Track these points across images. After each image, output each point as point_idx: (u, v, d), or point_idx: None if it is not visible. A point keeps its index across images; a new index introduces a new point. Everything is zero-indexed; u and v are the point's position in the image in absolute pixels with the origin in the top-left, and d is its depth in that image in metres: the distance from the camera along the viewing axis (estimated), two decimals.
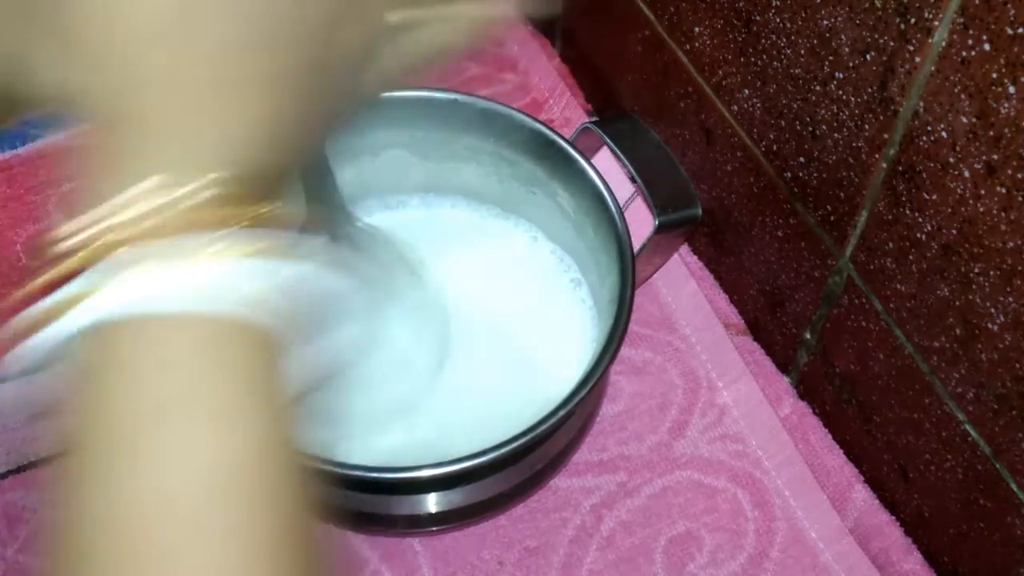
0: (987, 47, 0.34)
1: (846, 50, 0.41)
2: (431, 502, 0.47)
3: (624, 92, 0.62)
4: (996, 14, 0.33)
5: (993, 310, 0.39)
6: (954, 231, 0.39)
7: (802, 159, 0.47)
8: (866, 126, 0.41)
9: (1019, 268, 0.37)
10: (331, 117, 0.29)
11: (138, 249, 0.24)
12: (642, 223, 0.55)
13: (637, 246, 0.53)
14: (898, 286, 0.44)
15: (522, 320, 0.54)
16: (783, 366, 0.56)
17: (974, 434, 0.43)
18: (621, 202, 0.50)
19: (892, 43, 0.38)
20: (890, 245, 0.43)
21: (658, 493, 0.52)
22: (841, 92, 0.42)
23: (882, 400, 0.48)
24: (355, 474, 0.42)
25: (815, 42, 0.42)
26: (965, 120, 0.36)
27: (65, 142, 0.27)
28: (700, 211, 0.57)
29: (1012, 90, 0.34)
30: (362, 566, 0.49)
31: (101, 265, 0.24)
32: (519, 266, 0.56)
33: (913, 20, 0.37)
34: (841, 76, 0.42)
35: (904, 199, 0.41)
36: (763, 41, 0.46)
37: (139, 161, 0.25)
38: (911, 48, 0.37)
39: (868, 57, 0.40)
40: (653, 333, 0.57)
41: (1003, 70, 0.34)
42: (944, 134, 0.37)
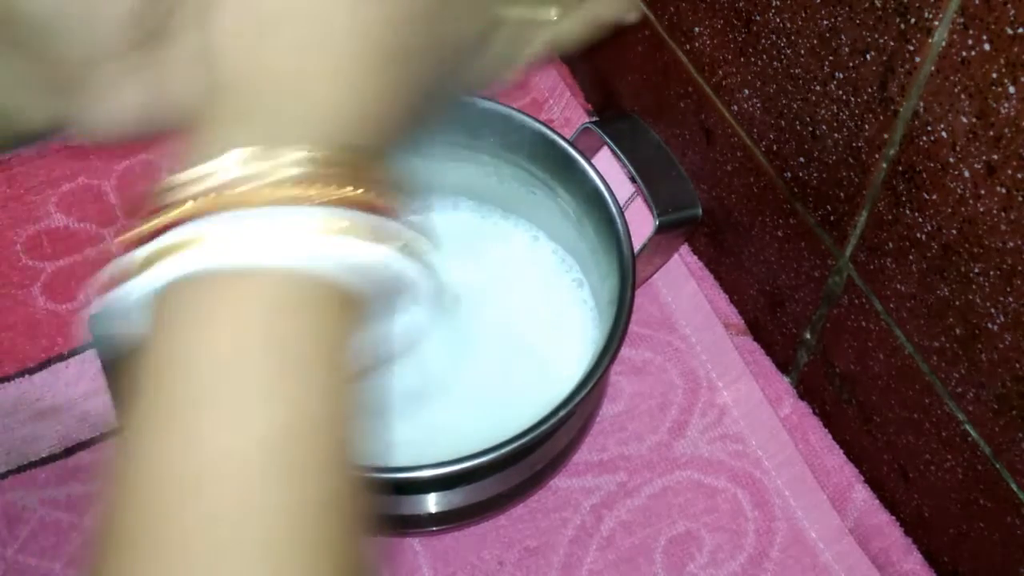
0: (987, 47, 0.34)
1: (846, 50, 0.41)
2: (431, 502, 0.47)
3: (624, 92, 0.62)
4: (996, 14, 0.33)
5: (993, 310, 0.39)
6: (954, 231, 0.39)
7: (802, 159, 0.47)
8: (866, 126, 0.41)
9: (1019, 268, 0.37)
10: (430, 107, 0.30)
11: (230, 212, 0.24)
12: (642, 223, 0.55)
13: (637, 246, 0.53)
14: (898, 286, 0.44)
15: (523, 320, 0.54)
16: (783, 366, 0.56)
17: (974, 434, 0.43)
18: (621, 202, 0.50)
19: (892, 43, 0.38)
20: (890, 245, 0.43)
21: (658, 493, 0.52)
22: (841, 92, 0.42)
23: (882, 400, 0.48)
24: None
25: (815, 42, 0.42)
26: (965, 120, 0.36)
27: (65, 142, 0.28)
28: (700, 211, 0.57)
29: (1012, 90, 0.34)
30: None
31: (196, 222, 0.24)
32: (521, 266, 0.56)
33: (913, 20, 0.37)
34: (841, 76, 0.42)
35: (904, 199, 0.41)
36: (763, 41, 0.46)
37: (235, 132, 0.25)
38: (911, 48, 0.37)
39: (868, 57, 0.40)
40: (653, 333, 0.57)
41: (1003, 70, 0.34)
42: (944, 134, 0.37)
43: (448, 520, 0.48)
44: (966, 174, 0.37)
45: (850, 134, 0.43)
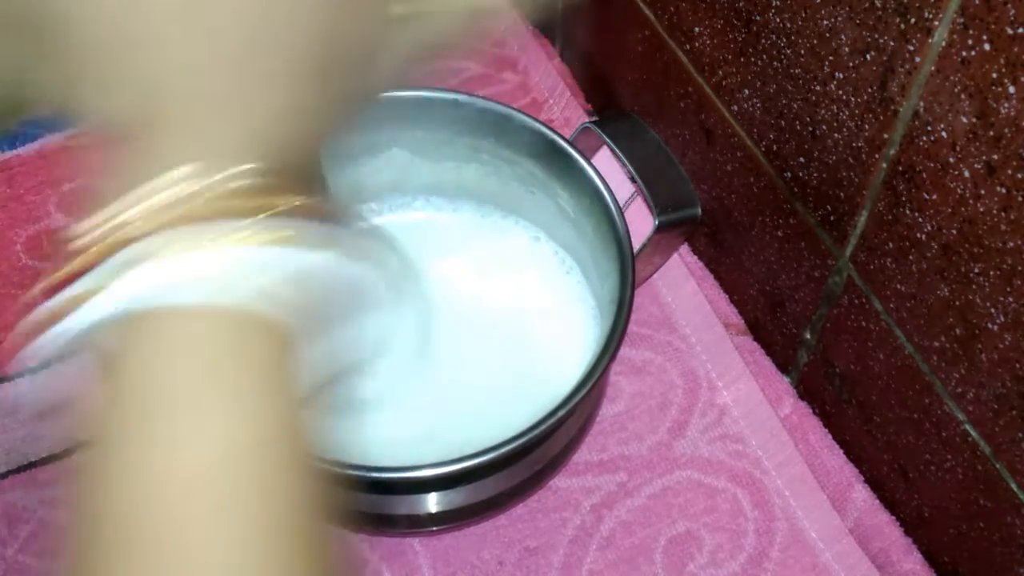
0: (987, 47, 0.34)
1: (846, 50, 0.41)
2: (431, 502, 0.47)
3: (624, 92, 0.62)
4: (996, 14, 0.33)
5: (993, 310, 0.39)
6: (954, 231, 0.39)
7: (802, 159, 0.47)
8: (866, 126, 0.42)
9: (1019, 268, 0.37)
10: (345, 109, 0.30)
11: (157, 239, 0.24)
12: (642, 223, 0.55)
13: (637, 246, 0.53)
14: (898, 286, 0.44)
15: (523, 320, 0.54)
16: (783, 366, 0.56)
17: (974, 434, 0.43)
18: (621, 202, 0.50)
19: (892, 43, 0.38)
20: (890, 245, 0.43)
21: (658, 493, 0.52)
22: (841, 92, 0.42)
23: (882, 400, 0.48)
24: (355, 474, 0.42)
25: (815, 42, 0.42)
26: (965, 120, 0.36)
27: (65, 142, 0.28)
28: (700, 211, 0.57)
29: (1012, 90, 0.34)
30: (362, 566, 0.49)
31: (118, 257, 0.24)
32: (521, 266, 0.56)
33: (913, 20, 0.37)
34: (841, 76, 0.42)
35: (904, 199, 0.41)
36: (763, 41, 0.46)
37: (163, 153, 0.25)
38: (911, 48, 0.37)
39: (868, 57, 0.40)
40: (653, 333, 0.57)
41: (1003, 70, 0.34)
42: (944, 134, 0.37)
43: (448, 520, 0.48)
44: (966, 174, 0.37)
45: (850, 134, 0.43)
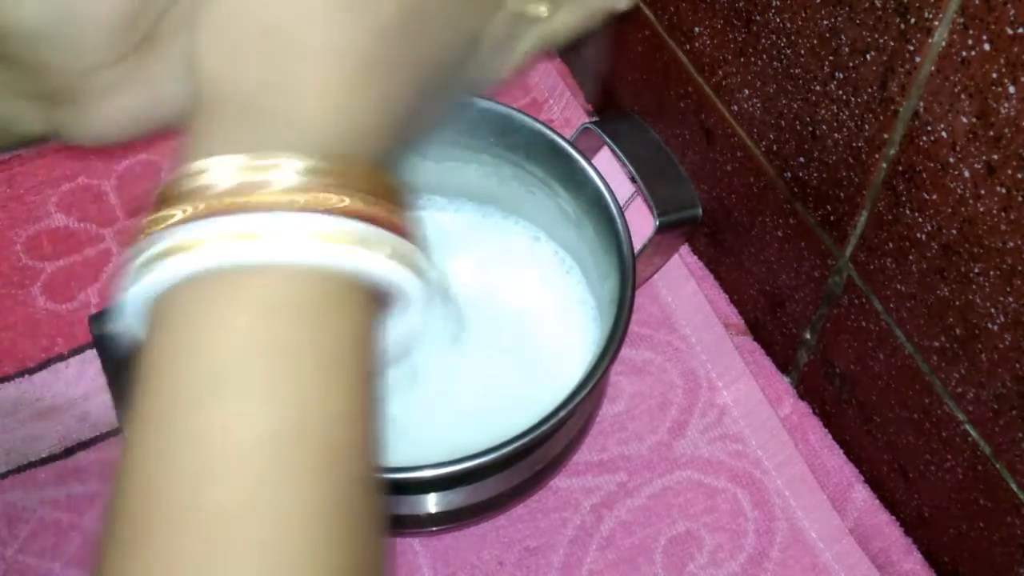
0: (987, 47, 0.34)
1: (846, 50, 0.41)
2: (431, 502, 0.47)
3: (624, 92, 0.62)
4: (996, 14, 0.33)
5: (993, 310, 0.39)
6: (954, 231, 0.39)
7: (802, 159, 0.47)
8: (866, 126, 0.41)
9: (1019, 268, 0.37)
10: (428, 112, 0.30)
11: (226, 217, 0.24)
12: (642, 223, 0.55)
13: (637, 246, 0.53)
14: (898, 286, 0.44)
15: (524, 320, 0.54)
16: (783, 366, 0.56)
17: (974, 434, 0.43)
18: (621, 202, 0.50)
19: (892, 43, 0.38)
20: (890, 245, 0.43)
21: (658, 493, 0.52)
22: (841, 92, 0.42)
23: (882, 400, 0.48)
24: None
25: (815, 42, 0.42)
26: (965, 120, 0.36)
27: (65, 143, 0.28)
28: (700, 211, 0.57)
29: (1012, 90, 0.34)
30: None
31: (194, 224, 0.24)
32: (521, 266, 0.56)
33: (913, 20, 0.37)
34: (841, 76, 0.42)
35: (904, 199, 0.41)
36: (763, 41, 0.46)
37: (229, 139, 0.25)
38: (911, 48, 0.37)
39: (868, 57, 0.40)
40: (653, 333, 0.57)
41: (1003, 70, 0.34)
42: (944, 134, 0.37)
43: (448, 520, 0.48)
44: (966, 174, 0.37)
45: (850, 134, 0.43)
